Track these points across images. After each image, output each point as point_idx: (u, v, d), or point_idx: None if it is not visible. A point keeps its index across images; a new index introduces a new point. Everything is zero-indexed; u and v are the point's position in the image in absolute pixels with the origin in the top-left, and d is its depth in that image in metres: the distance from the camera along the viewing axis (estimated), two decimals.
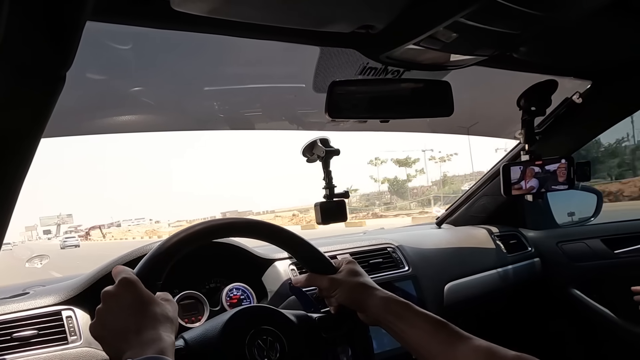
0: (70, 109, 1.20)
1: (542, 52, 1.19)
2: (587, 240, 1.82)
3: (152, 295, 0.67)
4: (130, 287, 0.66)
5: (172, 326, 0.67)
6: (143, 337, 0.61)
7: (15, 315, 1.00)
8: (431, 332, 0.74)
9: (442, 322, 0.75)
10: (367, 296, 0.81)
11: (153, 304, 0.66)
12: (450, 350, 0.70)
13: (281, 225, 0.89)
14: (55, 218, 55.35)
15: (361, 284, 0.83)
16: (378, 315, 0.80)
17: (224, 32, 0.87)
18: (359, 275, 0.85)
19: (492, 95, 1.70)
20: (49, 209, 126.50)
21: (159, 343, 0.60)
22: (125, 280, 0.67)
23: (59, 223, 53.81)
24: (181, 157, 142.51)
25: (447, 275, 1.57)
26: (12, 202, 0.72)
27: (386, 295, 0.81)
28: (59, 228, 53.41)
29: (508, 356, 0.67)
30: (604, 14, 0.89)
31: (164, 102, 1.41)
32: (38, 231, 56.22)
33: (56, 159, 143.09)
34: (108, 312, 0.65)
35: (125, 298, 0.65)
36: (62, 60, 0.53)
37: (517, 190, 1.30)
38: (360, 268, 0.88)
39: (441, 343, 0.72)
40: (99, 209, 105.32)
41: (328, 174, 1.14)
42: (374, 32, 0.87)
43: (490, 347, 0.69)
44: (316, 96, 1.29)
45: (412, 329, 0.75)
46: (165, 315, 0.66)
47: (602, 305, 1.76)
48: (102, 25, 0.75)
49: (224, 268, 1.23)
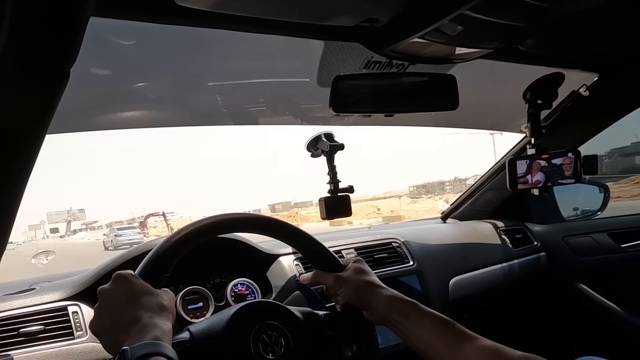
0: (75, 105, 1.20)
1: (549, 45, 1.17)
2: (593, 234, 1.81)
3: (147, 285, 0.68)
4: (124, 281, 0.67)
5: (169, 314, 0.67)
6: (139, 326, 0.61)
7: (22, 310, 1.00)
8: (437, 332, 0.73)
9: (448, 322, 0.74)
10: (373, 295, 0.81)
11: (147, 294, 0.66)
12: (457, 350, 0.70)
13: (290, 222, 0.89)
14: (65, 214, 50.25)
15: (367, 282, 0.83)
16: (383, 314, 0.79)
17: (228, 26, 0.86)
18: (366, 273, 0.85)
19: (498, 89, 1.69)
20: (54, 204, 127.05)
21: (155, 330, 0.61)
22: (119, 276, 0.68)
23: (69, 219, 49.31)
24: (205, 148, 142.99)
25: (452, 270, 1.57)
26: (18, 199, 0.73)
27: (392, 294, 0.80)
28: (69, 225, 49.33)
29: (515, 356, 0.66)
30: (610, 5, 0.88)
31: (167, 98, 1.41)
32: (45, 229, 51.43)
33: (61, 152, 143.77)
34: (104, 307, 0.66)
35: (119, 291, 0.66)
36: (66, 56, 0.53)
37: (523, 184, 1.29)
38: (367, 267, 0.87)
39: (447, 343, 0.72)
40: (116, 203, 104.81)
41: (332, 169, 1.13)
42: (378, 25, 0.87)
43: (496, 347, 0.68)
44: (320, 90, 1.28)
45: (417, 329, 0.75)
46: (160, 304, 0.67)
47: (608, 299, 1.75)
48: (106, 21, 0.75)
49: (228, 263, 1.23)
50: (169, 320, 0.66)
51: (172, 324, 0.67)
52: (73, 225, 48.91)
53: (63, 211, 51.87)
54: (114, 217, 70.01)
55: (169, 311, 0.67)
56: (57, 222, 50.21)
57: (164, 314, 0.66)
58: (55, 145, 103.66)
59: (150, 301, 0.66)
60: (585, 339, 1.87)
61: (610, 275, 1.78)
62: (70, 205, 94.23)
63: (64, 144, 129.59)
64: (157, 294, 0.68)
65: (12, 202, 0.73)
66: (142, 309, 0.64)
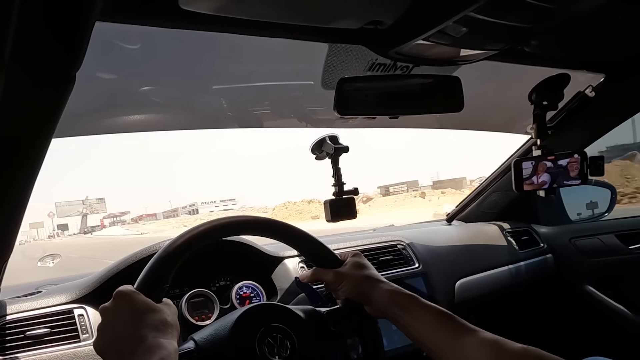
0: (81, 109, 1.21)
1: (554, 46, 1.17)
2: (600, 235, 1.80)
3: (148, 302, 0.67)
4: (126, 299, 0.66)
5: (173, 331, 0.67)
6: (144, 347, 0.61)
7: (28, 313, 1.01)
8: (437, 325, 0.73)
9: (448, 315, 0.74)
10: (373, 289, 0.81)
11: (150, 312, 0.66)
12: (457, 343, 0.70)
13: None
14: (79, 205, 39.38)
15: (366, 276, 0.83)
16: (384, 308, 0.79)
17: (232, 30, 0.86)
18: (364, 267, 0.85)
19: (503, 90, 1.68)
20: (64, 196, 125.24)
21: (161, 351, 0.61)
22: (120, 293, 0.67)
23: (84, 212, 38.62)
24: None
25: (458, 272, 1.56)
26: (24, 202, 0.73)
27: (392, 288, 0.80)
28: (85, 220, 38.22)
29: (514, 349, 0.66)
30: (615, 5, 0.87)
31: (172, 101, 1.41)
32: (53, 222, 40.48)
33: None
34: (107, 326, 0.65)
35: (122, 310, 0.65)
36: (71, 61, 0.53)
37: (528, 185, 1.29)
38: (365, 260, 0.87)
39: (447, 336, 0.72)
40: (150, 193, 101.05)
41: (337, 171, 1.13)
42: (382, 27, 0.86)
43: (496, 339, 0.69)
44: (325, 93, 1.28)
45: (418, 322, 0.75)
46: (164, 321, 0.66)
47: (616, 301, 1.74)
48: (111, 25, 0.75)
49: (233, 266, 1.23)
50: (174, 338, 0.66)
51: (177, 339, 0.67)
52: (90, 220, 37.43)
53: (77, 201, 39.39)
54: (140, 209, 61.19)
55: (173, 327, 0.67)
56: (69, 215, 38.18)
57: (169, 331, 0.66)
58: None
59: (154, 318, 0.65)
60: (592, 340, 1.86)
61: (617, 276, 1.76)
62: (85, 194, 77.21)
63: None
64: (159, 310, 0.67)
65: (18, 206, 0.73)
66: (146, 328, 0.63)
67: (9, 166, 0.65)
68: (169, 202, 58.28)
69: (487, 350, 0.67)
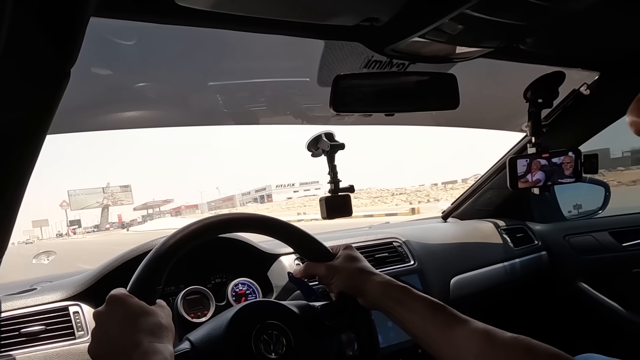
0: (75, 105, 1.20)
1: (549, 43, 1.17)
2: (594, 233, 1.81)
3: (142, 305, 0.66)
4: (119, 303, 0.66)
5: (168, 334, 0.66)
6: (140, 352, 0.61)
7: (23, 311, 1.01)
8: (429, 316, 0.74)
9: (441, 306, 0.75)
10: (365, 281, 0.81)
11: (145, 316, 0.65)
12: (449, 333, 0.71)
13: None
14: (100, 193, 28.79)
15: (358, 269, 0.83)
16: (377, 300, 0.80)
17: (228, 26, 0.86)
18: (357, 260, 0.85)
19: (499, 88, 1.69)
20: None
21: (156, 356, 0.60)
22: (113, 298, 0.66)
23: (106, 203, 30.17)
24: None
25: (453, 269, 1.57)
26: (19, 199, 0.73)
27: (384, 280, 0.81)
28: (107, 213, 29.89)
29: (504, 338, 0.67)
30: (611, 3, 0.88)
31: (168, 97, 1.41)
32: (67, 215, 30.97)
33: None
34: (101, 331, 0.65)
35: (115, 315, 0.65)
36: (66, 56, 0.53)
37: (523, 183, 1.29)
38: (357, 253, 0.88)
39: (439, 326, 0.72)
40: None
41: (333, 168, 1.13)
42: (378, 24, 0.87)
43: (487, 329, 0.69)
44: (321, 90, 1.28)
45: (410, 314, 0.76)
46: (159, 324, 0.66)
47: (609, 298, 1.75)
48: (107, 21, 0.75)
49: (229, 263, 1.23)
50: (169, 342, 0.65)
51: (173, 341, 0.67)
52: (111, 215, 28.98)
53: (96, 189, 29.53)
54: (180, 197, 49.76)
55: (168, 330, 0.67)
56: (85, 208, 29.60)
57: (164, 334, 0.65)
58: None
59: (149, 322, 0.65)
60: (586, 337, 1.87)
61: (611, 274, 1.77)
62: (106, 181, 58.69)
63: None
64: (153, 313, 0.67)
65: (12, 203, 0.73)
66: (141, 332, 0.63)
67: (3, 162, 0.64)
68: (217, 189, 51.35)
69: (478, 340, 0.68)
